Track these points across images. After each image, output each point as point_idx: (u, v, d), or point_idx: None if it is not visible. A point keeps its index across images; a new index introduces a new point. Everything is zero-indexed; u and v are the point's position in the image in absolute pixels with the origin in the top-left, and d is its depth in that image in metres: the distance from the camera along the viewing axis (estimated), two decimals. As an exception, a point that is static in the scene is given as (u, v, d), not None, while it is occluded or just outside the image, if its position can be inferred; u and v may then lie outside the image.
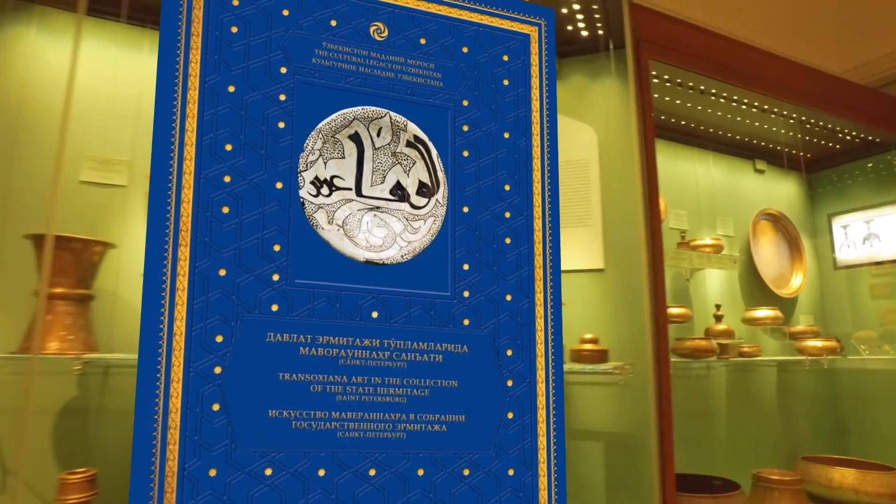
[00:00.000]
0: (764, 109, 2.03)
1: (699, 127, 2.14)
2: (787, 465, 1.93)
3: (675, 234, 1.98)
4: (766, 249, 2.30)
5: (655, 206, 1.36)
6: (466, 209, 0.91)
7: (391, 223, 0.88)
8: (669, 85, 1.81)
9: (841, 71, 2.45)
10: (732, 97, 1.92)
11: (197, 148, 0.80)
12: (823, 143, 2.35)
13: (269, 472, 0.76)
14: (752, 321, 2.08)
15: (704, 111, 2.01)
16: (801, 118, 2.13)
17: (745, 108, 2.00)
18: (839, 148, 2.38)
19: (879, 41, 2.41)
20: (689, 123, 2.12)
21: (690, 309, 1.88)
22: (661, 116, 2.03)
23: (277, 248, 0.81)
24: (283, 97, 0.85)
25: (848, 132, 2.26)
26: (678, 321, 1.82)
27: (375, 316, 0.84)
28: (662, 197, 1.54)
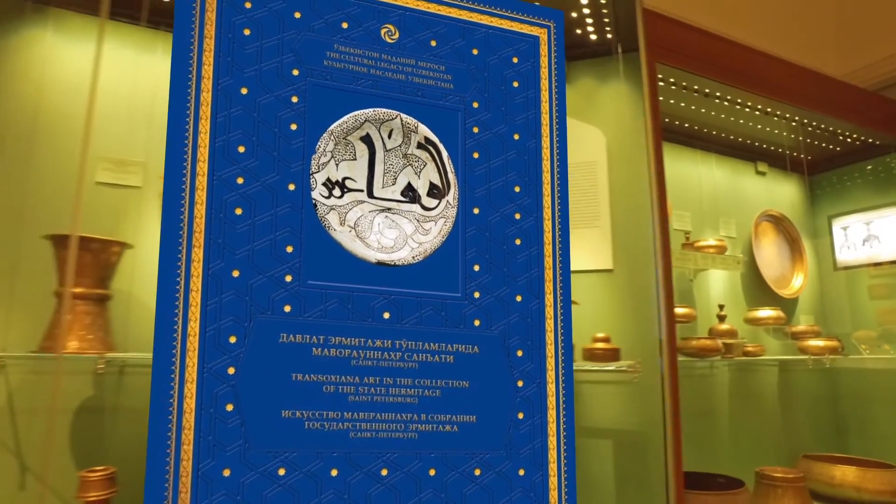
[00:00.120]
0: (766, 112, 2.04)
1: (702, 129, 2.16)
2: (788, 463, 1.94)
3: (678, 235, 1.99)
4: (767, 250, 2.31)
5: (663, 207, 1.37)
6: (477, 210, 0.92)
7: (402, 224, 0.88)
8: (674, 88, 1.82)
9: (841, 74, 2.47)
10: (735, 100, 1.94)
11: (210, 149, 0.80)
12: (824, 145, 2.36)
13: (282, 472, 0.77)
14: (754, 321, 2.09)
15: (707, 114, 2.02)
16: (802, 121, 2.15)
17: (747, 110, 2.02)
18: (839, 150, 2.40)
19: (879, 44, 2.43)
20: (692, 126, 2.13)
21: (694, 309, 1.89)
22: (664, 119, 2.04)
23: (290, 249, 0.82)
24: (295, 99, 0.85)
25: (848, 135, 2.28)
26: (682, 321, 1.83)
27: (387, 317, 0.85)
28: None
